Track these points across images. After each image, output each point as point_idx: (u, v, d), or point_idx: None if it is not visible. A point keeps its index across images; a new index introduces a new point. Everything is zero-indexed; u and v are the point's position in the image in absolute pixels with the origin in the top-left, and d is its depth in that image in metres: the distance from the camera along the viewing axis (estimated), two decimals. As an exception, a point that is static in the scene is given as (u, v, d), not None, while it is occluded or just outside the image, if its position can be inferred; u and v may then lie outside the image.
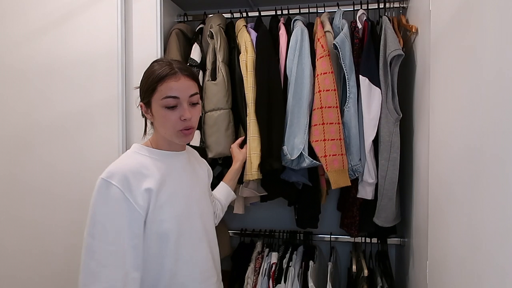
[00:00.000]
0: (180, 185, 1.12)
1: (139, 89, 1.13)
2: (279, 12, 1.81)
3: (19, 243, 1.74)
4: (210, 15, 1.86)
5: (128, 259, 0.97)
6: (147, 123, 1.20)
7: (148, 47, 1.66)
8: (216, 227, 1.29)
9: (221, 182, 1.53)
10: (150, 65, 1.12)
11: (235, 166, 1.58)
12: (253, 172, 1.60)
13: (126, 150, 1.65)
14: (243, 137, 1.68)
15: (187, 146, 1.24)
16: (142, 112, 1.14)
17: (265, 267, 1.79)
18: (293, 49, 1.62)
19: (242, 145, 1.67)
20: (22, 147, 1.73)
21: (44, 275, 1.72)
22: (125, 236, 0.97)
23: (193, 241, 1.11)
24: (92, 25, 1.65)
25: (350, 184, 1.62)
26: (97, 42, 1.65)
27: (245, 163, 1.62)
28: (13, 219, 1.74)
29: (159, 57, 1.67)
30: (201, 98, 1.74)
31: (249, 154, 1.61)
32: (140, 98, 1.12)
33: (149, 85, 1.06)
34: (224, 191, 1.50)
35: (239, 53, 1.71)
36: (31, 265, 1.73)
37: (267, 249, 1.91)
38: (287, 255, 1.85)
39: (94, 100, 1.66)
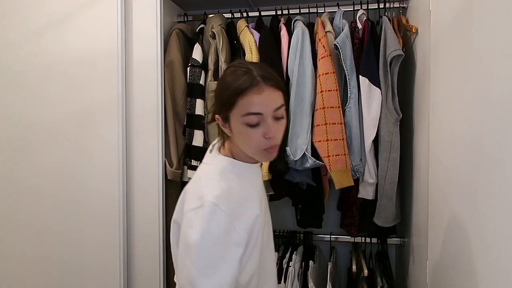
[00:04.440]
0: (262, 201, 1.02)
1: (214, 98, 0.98)
2: (279, 12, 1.81)
3: (18, 243, 1.73)
4: (211, 15, 1.86)
5: None
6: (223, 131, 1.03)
7: (148, 47, 1.66)
8: None
9: None
10: (226, 71, 0.97)
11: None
12: (263, 173, 1.60)
13: (125, 150, 1.69)
14: None
15: None
16: (219, 125, 1.00)
17: (265, 267, 1.79)
18: (294, 49, 1.62)
19: None
20: (21, 147, 1.72)
21: (45, 276, 1.71)
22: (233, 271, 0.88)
23: (271, 264, 1.08)
24: (92, 25, 1.65)
25: (353, 184, 1.63)
26: (97, 42, 1.64)
27: None
28: (13, 219, 1.73)
29: (159, 57, 1.66)
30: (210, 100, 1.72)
31: None
32: (216, 110, 0.97)
33: (227, 99, 0.91)
34: None
35: (244, 54, 1.70)
36: (31, 266, 1.72)
37: (267, 249, 1.91)
38: (287, 255, 1.85)
39: (94, 100, 1.65)
